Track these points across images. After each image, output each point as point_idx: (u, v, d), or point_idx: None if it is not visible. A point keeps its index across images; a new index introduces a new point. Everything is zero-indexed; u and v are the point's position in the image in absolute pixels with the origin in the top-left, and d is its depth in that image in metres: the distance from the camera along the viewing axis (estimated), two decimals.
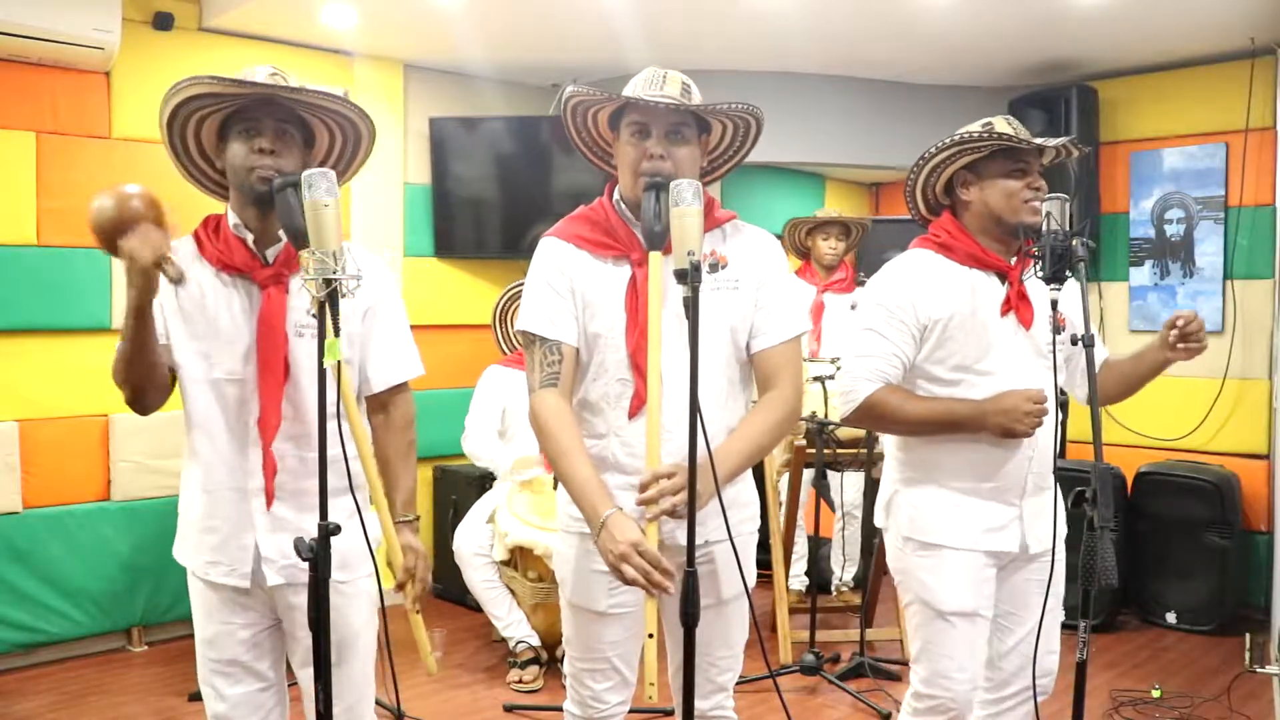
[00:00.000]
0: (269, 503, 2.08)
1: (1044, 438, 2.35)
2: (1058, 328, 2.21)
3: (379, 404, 2.22)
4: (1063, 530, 2.38)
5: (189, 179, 2.19)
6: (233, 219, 2.11)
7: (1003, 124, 2.38)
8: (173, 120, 2.07)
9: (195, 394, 2.11)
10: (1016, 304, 2.36)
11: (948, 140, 2.40)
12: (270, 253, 2.10)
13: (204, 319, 2.08)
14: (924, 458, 2.43)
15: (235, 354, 2.07)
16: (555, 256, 2.15)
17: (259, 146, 2.02)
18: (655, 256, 1.99)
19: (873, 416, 2.41)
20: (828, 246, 4.85)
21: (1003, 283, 2.39)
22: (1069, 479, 2.21)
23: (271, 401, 2.05)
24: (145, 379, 2.07)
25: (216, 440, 2.10)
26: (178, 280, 2.04)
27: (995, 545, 2.38)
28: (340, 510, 2.06)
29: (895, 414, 2.37)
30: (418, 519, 2.20)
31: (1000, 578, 2.43)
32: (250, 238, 2.09)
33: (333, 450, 2.03)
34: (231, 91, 2.01)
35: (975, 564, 2.37)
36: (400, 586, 2.08)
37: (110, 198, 1.98)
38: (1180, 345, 2.36)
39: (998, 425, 2.29)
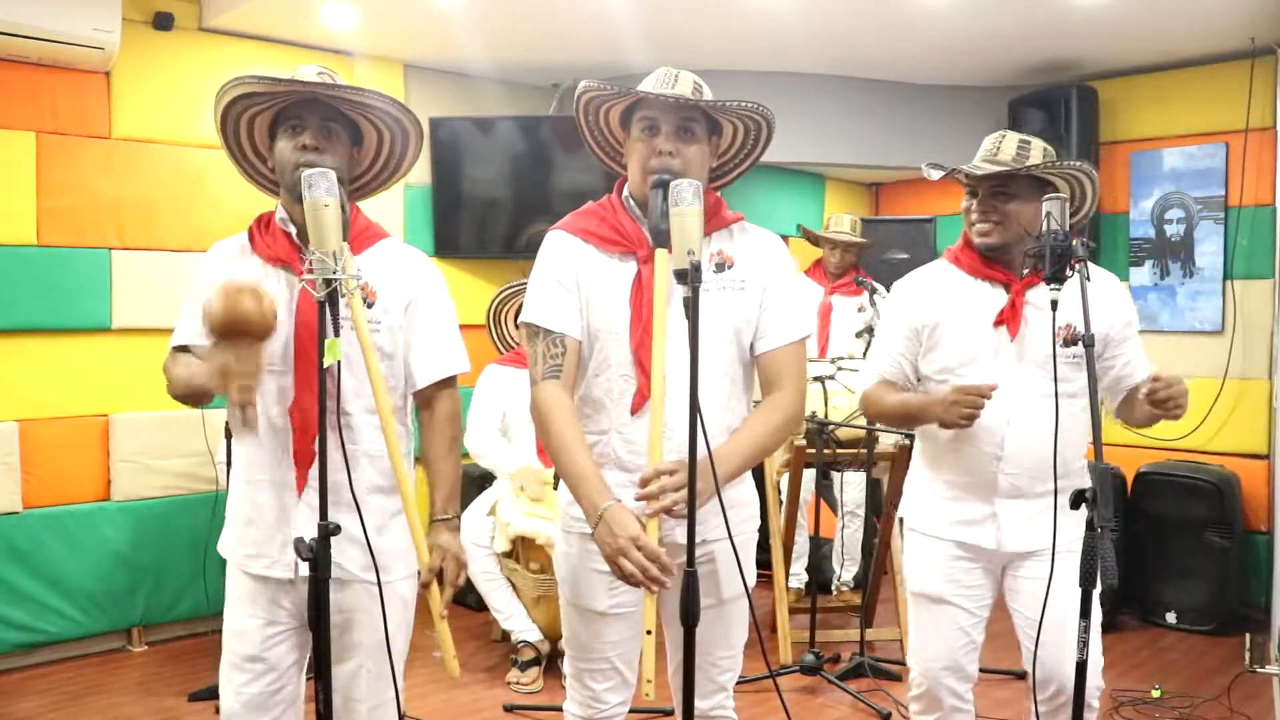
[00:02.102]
0: (299, 491, 2.06)
1: (1018, 446, 2.42)
2: (1065, 340, 2.30)
3: (424, 400, 2.20)
4: (1068, 535, 2.33)
5: (245, 177, 2.23)
6: (280, 213, 2.14)
7: (991, 140, 2.52)
8: (225, 121, 2.11)
9: None
10: (1008, 316, 2.43)
11: (944, 172, 2.55)
12: None
13: None
14: (925, 448, 2.64)
15: (276, 345, 2.07)
16: (562, 250, 2.15)
17: (302, 143, 2.05)
18: (662, 253, 1.99)
19: (865, 406, 2.70)
20: (833, 258, 4.96)
21: (1008, 293, 2.46)
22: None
23: (308, 393, 2.04)
24: (200, 401, 2.12)
25: (259, 432, 2.09)
26: (246, 429, 2.00)
27: (964, 537, 2.51)
28: (386, 509, 2.08)
29: (876, 405, 2.64)
30: (457, 518, 2.17)
31: (1004, 579, 2.54)
32: (294, 231, 2.10)
33: (374, 447, 2.06)
34: (272, 90, 2.03)
35: (944, 552, 2.53)
36: (425, 586, 2.05)
37: (219, 299, 1.91)
38: (1156, 410, 2.35)
39: (935, 416, 2.43)
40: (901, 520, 2.68)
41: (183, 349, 2.16)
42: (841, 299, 4.91)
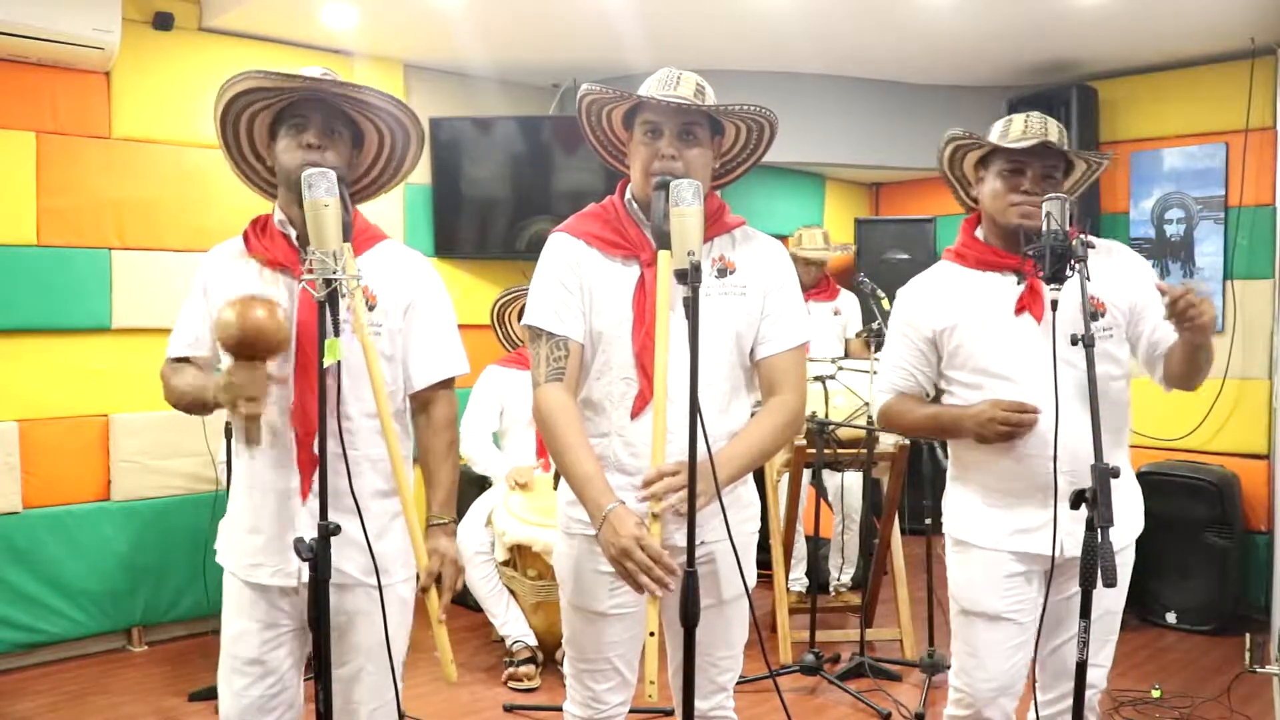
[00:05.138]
0: (304, 497, 2.06)
1: (1072, 439, 2.20)
2: (1094, 313, 2.16)
3: (421, 402, 2.20)
4: (1130, 531, 2.24)
5: (241, 177, 2.21)
6: (278, 215, 2.13)
7: (1019, 123, 2.37)
8: (225, 117, 2.09)
9: None
10: (1028, 302, 2.33)
11: (953, 134, 2.43)
12: None
13: None
14: (963, 458, 2.47)
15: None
16: (565, 252, 2.15)
17: (305, 141, 2.04)
18: (664, 255, 1.99)
19: (888, 423, 2.60)
20: (803, 273, 5.04)
21: (1020, 282, 2.35)
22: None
23: (310, 398, 2.03)
24: (202, 414, 2.16)
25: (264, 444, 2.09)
26: (251, 444, 2.00)
27: (1023, 547, 2.34)
28: (386, 512, 2.08)
29: (900, 421, 2.55)
30: (454, 522, 2.16)
31: (1055, 584, 2.35)
32: (294, 234, 2.10)
33: (375, 450, 2.05)
34: (279, 85, 2.03)
35: (1002, 565, 2.36)
36: (424, 591, 2.05)
37: (232, 311, 1.93)
38: (1179, 326, 2.12)
39: (971, 432, 2.33)
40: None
41: (183, 360, 2.16)
42: (816, 304, 5.00)
